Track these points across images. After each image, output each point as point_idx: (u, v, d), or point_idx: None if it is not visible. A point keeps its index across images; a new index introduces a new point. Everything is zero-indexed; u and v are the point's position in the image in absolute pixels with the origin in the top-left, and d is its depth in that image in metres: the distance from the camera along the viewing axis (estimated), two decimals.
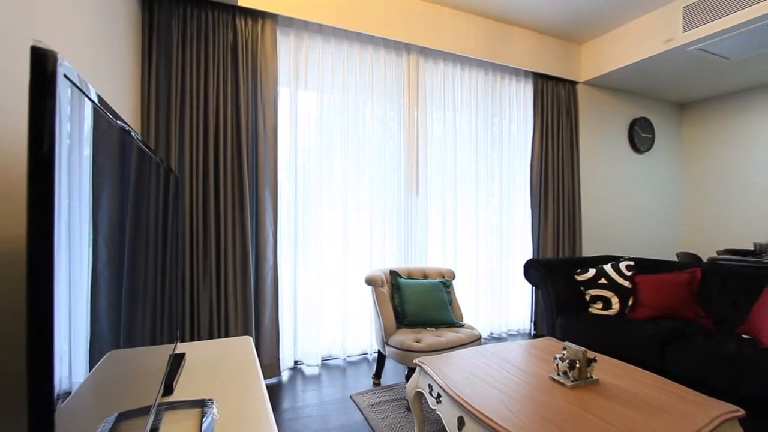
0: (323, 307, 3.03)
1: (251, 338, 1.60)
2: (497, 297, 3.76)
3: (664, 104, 4.92)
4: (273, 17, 2.74)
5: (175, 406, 0.98)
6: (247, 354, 1.42)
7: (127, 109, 2.14)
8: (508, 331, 3.84)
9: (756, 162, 4.39)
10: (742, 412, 1.39)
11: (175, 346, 1.34)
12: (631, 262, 2.86)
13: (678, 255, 3.90)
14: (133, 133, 0.72)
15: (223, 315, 2.54)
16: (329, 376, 2.80)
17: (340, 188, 3.10)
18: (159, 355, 1.02)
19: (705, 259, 3.94)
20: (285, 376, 2.81)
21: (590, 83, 4.18)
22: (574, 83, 4.11)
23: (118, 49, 1.95)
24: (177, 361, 1.26)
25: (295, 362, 2.98)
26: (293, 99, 2.92)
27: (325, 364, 3.01)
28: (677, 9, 3.24)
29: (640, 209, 4.64)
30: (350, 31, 3.06)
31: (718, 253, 3.82)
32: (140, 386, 0.78)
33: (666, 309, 2.54)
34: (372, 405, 2.32)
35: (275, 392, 2.53)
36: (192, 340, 2.48)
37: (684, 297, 2.56)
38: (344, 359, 3.11)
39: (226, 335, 2.55)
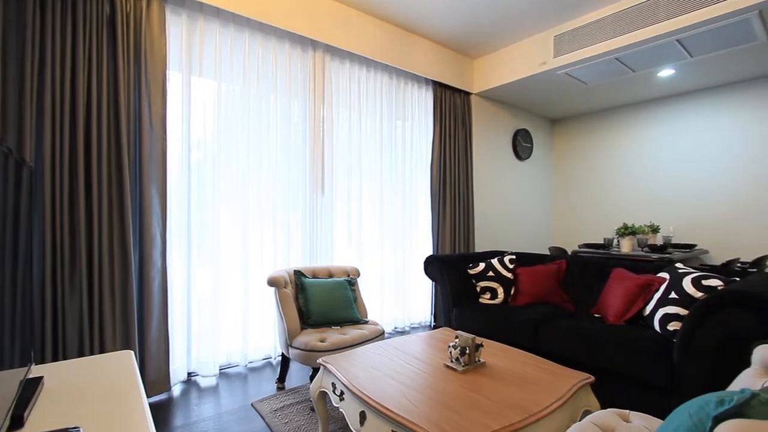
0: (221, 313, 2.83)
1: (133, 352, 1.43)
2: (401, 292, 3.93)
3: (539, 118, 5.67)
4: None
5: None
6: (127, 370, 1.27)
7: None
8: (411, 324, 4.05)
9: (607, 171, 5.32)
10: (592, 378, 1.68)
11: (29, 369, 1.13)
12: (513, 256, 3.24)
13: (550, 249, 4.53)
14: None
15: (96, 328, 2.21)
16: (228, 385, 2.63)
17: (241, 185, 2.92)
18: (5, 381, 0.85)
19: (570, 252, 4.65)
20: (177, 390, 2.56)
21: (481, 95, 4.62)
22: (468, 94, 4.49)
23: None
24: (31, 386, 1.06)
25: (189, 374, 2.74)
26: (186, 86, 2.67)
27: (223, 373, 2.82)
28: (550, 37, 3.77)
29: (522, 209, 5.28)
30: (252, 20, 2.90)
31: (579, 246, 4.54)
32: None
33: (540, 296, 2.94)
34: (275, 410, 2.24)
35: (164, 410, 2.29)
36: (56, 359, 2.10)
37: (553, 285, 2.99)
38: (246, 366, 2.96)
39: (102, 351, 2.23)
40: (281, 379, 2.60)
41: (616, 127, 5.23)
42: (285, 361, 2.60)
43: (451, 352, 1.75)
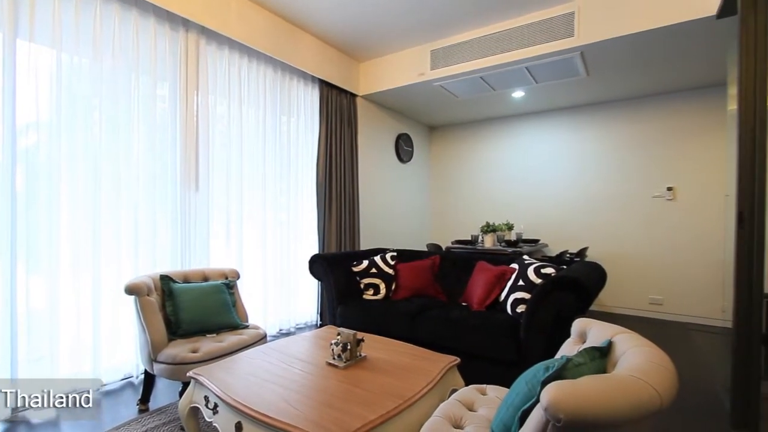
0: (62, 330, 2.37)
1: None
2: (285, 293, 3.83)
3: (419, 125, 6.11)
4: None
5: None
6: None
7: None
8: (297, 325, 3.97)
9: (474, 176, 6.01)
10: (458, 360, 1.88)
11: None
12: (395, 253, 3.44)
13: (427, 246, 4.93)
14: None
15: None
16: (73, 416, 2.20)
17: (91, 178, 2.48)
18: None
19: (444, 248, 5.13)
20: None
21: (367, 98, 4.77)
22: (354, 96, 4.59)
23: None
24: None
25: (14, 410, 2.22)
26: (9, 51, 2.15)
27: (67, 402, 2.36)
28: (427, 51, 4.09)
29: (403, 209, 5.63)
30: None
31: (452, 243, 5.05)
32: None
33: (417, 289, 3.18)
34: None
35: None
36: None
37: (429, 278, 3.26)
38: (98, 390, 2.52)
39: None
40: (144, 399, 2.30)
41: (481, 137, 5.95)
42: (149, 379, 2.30)
43: (333, 350, 1.78)
